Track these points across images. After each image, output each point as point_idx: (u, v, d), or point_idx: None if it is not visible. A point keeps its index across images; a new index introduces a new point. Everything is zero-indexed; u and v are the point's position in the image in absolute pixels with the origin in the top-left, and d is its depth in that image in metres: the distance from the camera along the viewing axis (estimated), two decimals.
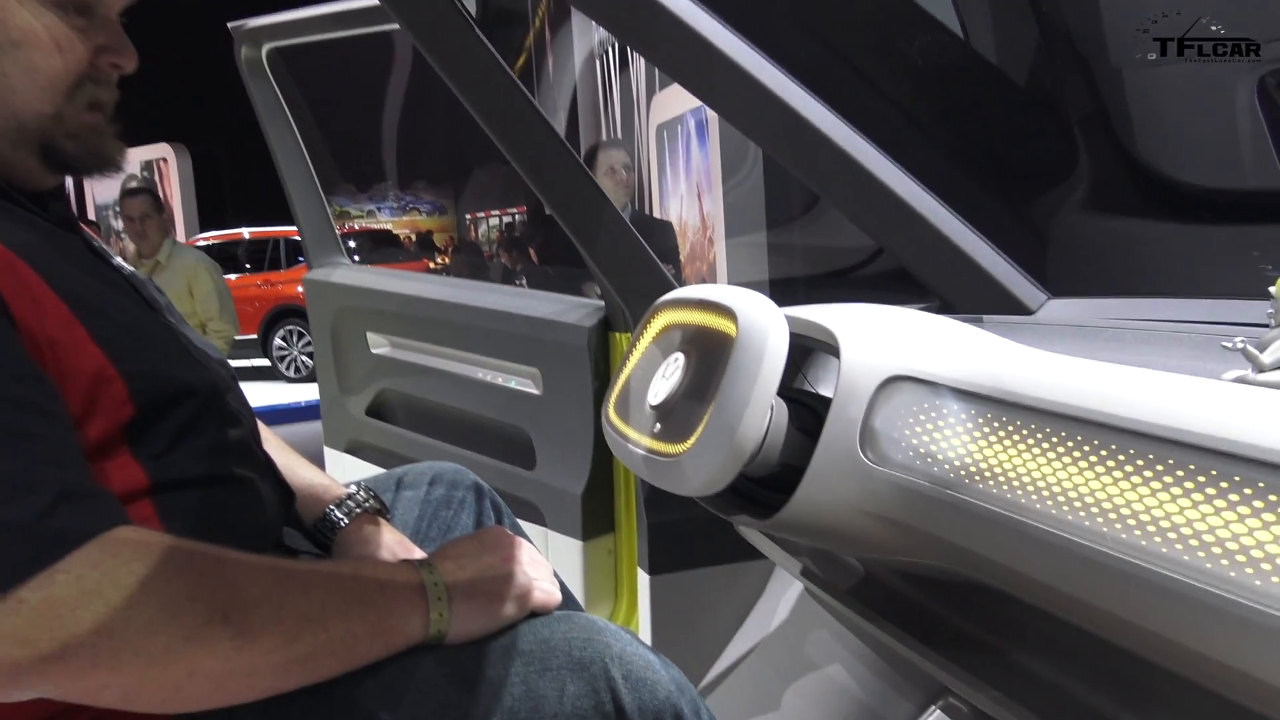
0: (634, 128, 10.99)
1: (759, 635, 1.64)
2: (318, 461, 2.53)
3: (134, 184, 4.59)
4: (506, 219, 18.25)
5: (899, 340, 1.00)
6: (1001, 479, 0.78)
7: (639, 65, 10.46)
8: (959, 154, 1.73)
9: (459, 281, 2.19)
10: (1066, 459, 0.73)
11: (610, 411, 1.22)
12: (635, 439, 1.11)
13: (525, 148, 1.59)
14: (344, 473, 2.43)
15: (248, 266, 11.35)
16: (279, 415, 4.54)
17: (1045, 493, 0.73)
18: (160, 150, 16.85)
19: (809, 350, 1.31)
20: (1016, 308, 1.50)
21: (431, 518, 1.33)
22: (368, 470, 2.36)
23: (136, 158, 17.05)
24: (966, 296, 1.52)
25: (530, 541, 1.28)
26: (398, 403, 2.33)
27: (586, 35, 12.33)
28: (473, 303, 2.01)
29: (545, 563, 1.07)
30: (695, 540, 1.69)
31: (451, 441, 2.13)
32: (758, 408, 0.95)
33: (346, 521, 1.21)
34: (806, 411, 1.06)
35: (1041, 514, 0.71)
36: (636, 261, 1.66)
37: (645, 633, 1.72)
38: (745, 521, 1.11)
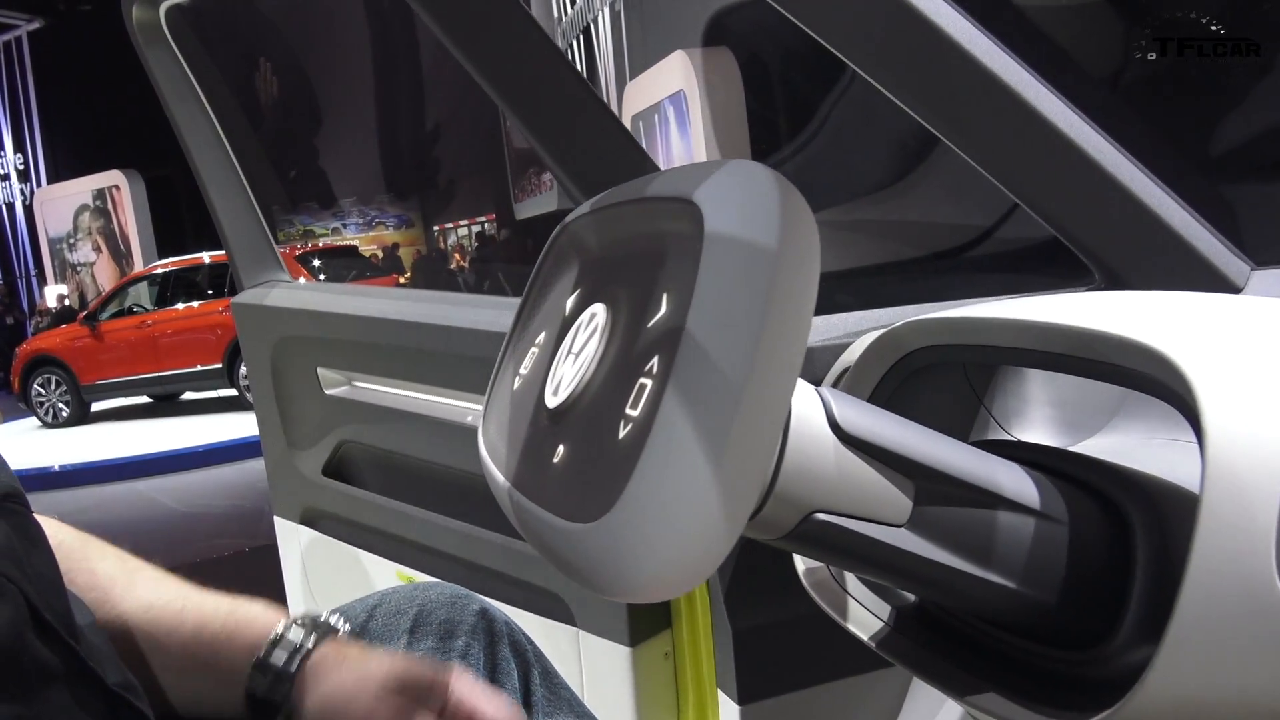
0: None
1: None
2: (265, 534, 1.99)
3: None
4: (476, 227, 17.84)
5: None
6: None
7: (607, 51, 9.96)
8: (1140, 104, 1.32)
9: (434, 295, 1.65)
10: None
11: (483, 427, 0.70)
12: (514, 479, 0.60)
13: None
14: (299, 552, 1.89)
15: (210, 293, 10.84)
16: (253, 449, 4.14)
17: None
18: (112, 178, 16.30)
19: (992, 370, 0.87)
20: (1219, 284, 1.09)
21: None
22: (330, 547, 1.82)
23: (88, 187, 16.46)
24: (1153, 273, 1.09)
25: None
26: (363, 459, 1.80)
27: (545, 23, 11.84)
28: (452, 322, 1.49)
29: None
30: (801, 648, 1.18)
31: (436, 508, 1.60)
32: (769, 402, 0.44)
33: (308, 648, 0.71)
34: (1078, 494, 0.62)
35: None
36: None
37: None
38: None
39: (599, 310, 0.57)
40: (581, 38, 10.61)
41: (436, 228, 19.33)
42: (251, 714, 0.71)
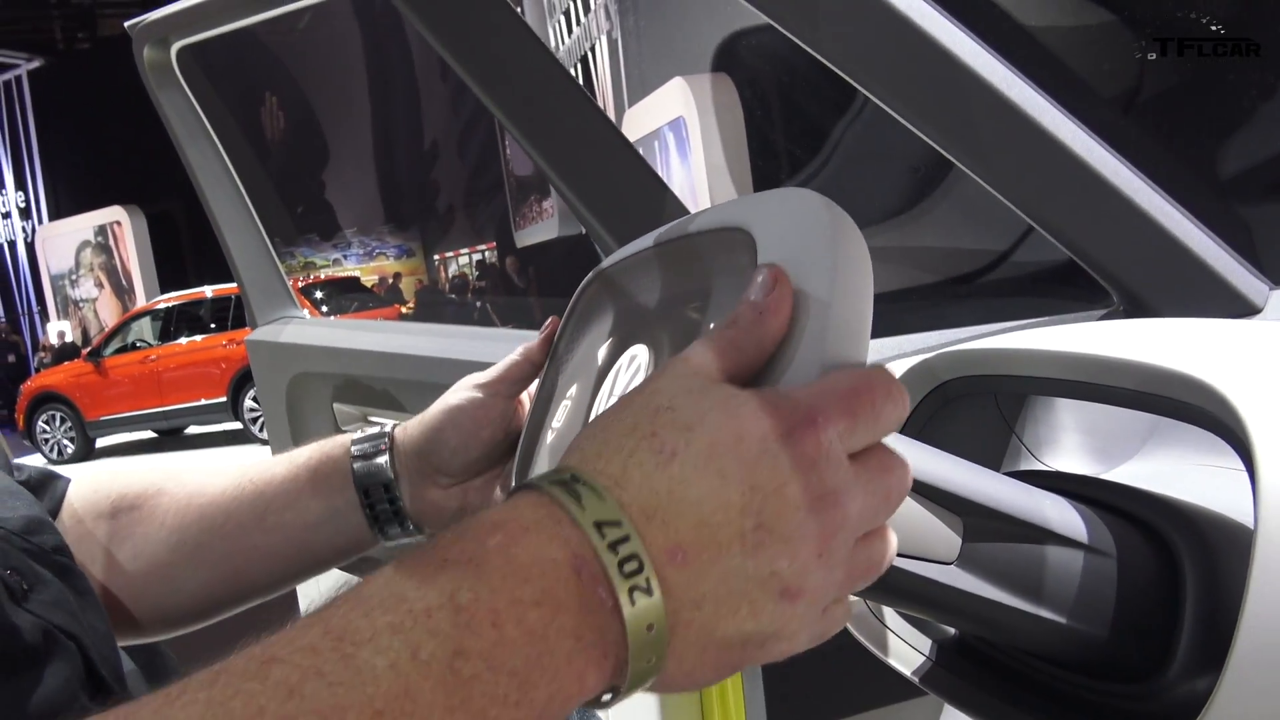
0: None
1: None
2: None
3: None
4: (477, 255, 17.87)
5: None
6: None
7: (604, 75, 10.05)
8: (1153, 125, 1.32)
9: (451, 329, 1.65)
10: None
11: (515, 484, 0.70)
12: None
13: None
14: (316, 590, 1.88)
15: (212, 326, 10.86)
16: None
17: None
18: (113, 214, 16.35)
19: (1021, 398, 0.87)
20: (1240, 304, 1.07)
21: None
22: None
23: (89, 223, 16.51)
24: (1172, 295, 1.08)
25: None
26: None
27: None
28: (470, 357, 1.48)
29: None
30: (829, 680, 1.17)
31: None
32: None
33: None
34: (1123, 525, 0.62)
35: None
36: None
37: None
38: None
39: (639, 351, 0.56)
40: (580, 65, 10.68)
41: (437, 257, 19.36)
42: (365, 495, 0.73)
